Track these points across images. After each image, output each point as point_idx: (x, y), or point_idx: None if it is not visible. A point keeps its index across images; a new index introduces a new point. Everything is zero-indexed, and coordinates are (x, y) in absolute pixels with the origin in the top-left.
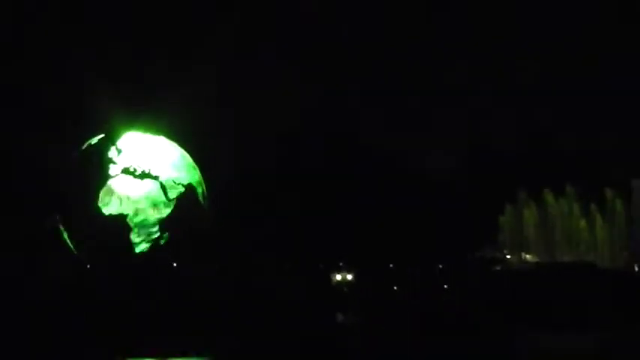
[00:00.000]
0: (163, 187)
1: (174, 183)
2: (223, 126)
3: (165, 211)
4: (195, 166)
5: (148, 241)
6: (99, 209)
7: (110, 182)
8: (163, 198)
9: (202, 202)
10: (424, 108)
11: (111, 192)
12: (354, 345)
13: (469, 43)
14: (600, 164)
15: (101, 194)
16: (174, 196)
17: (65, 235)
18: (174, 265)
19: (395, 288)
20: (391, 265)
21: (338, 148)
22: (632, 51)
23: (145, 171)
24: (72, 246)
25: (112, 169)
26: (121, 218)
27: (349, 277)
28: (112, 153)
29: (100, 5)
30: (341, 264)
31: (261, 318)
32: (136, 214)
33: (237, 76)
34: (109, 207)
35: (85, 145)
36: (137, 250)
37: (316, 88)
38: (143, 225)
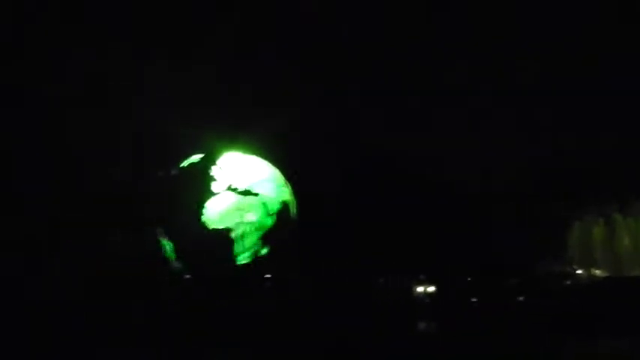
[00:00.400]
0: (264, 203)
1: (271, 199)
2: (311, 143)
3: (266, 226)
4: (287, 183)
5: (249, 254)
6: (204, 223)
7: (215, 198)
8: (263, 213)
9: (295, 218)
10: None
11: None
12: (435, 353)
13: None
14: None
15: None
16: (274, 212)
17: (168, 248)
18: (271, 275)
19: (473, 300)
20: (469, 278)
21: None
22: None
23: (247, 188)
24: (173, 257)
25: (215, 186)
26: (224, 232)
27: (430, 289)
28: (214, 171)
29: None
30: (422, 276)
31: (347, 327)
32: (237, 227)
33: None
34: (215, 222)
35: (185, 163)
36: (238, 261)
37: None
38: (244, 238)
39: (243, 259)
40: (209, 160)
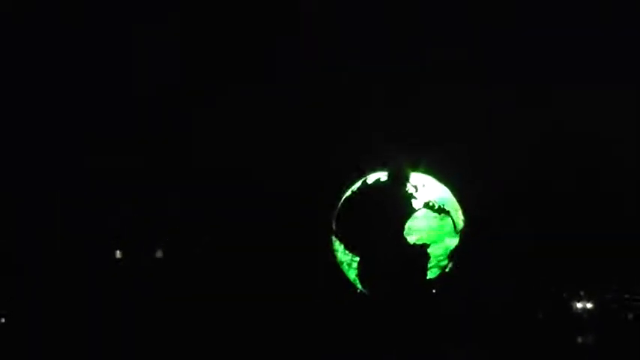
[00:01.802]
0: (454, 221)
1: (457, 217)
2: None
3: (452, 242)
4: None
5: (437, 268)
6: (404, 239)
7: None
8: (449, 230)
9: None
10: None
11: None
12: None
13: None
14: None
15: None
16: (459, 230)
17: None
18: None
19: (629, 316)
20: (626, 296)
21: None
22: None
23: (441, 206)
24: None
25: (415, 204)
26: (419, 248)
27: (589, 305)
28: (410, 188)
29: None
30: (582, 293)
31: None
32: (434, 244)
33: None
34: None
35: (369, 179)
36: (429, 276)
37: None
38: (434, 254)
39: (431, 274)
40: (398, 178)
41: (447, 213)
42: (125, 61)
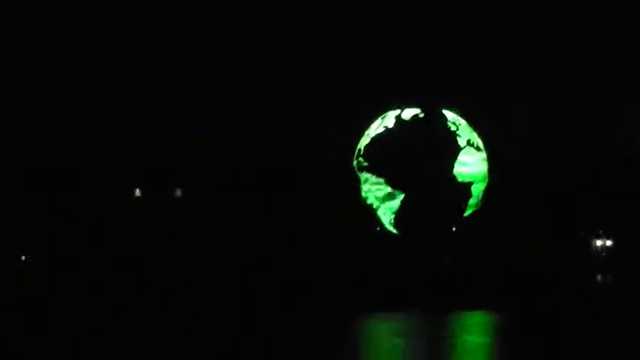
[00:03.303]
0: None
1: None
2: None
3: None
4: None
5: (473, 209)
6: (452, 176)
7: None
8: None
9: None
10: None
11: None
12: (611, 303)
13: None
14: None
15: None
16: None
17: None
18: None
19: None
20: None
21: None
22: None
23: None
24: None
25: (460, 142)
26: (467, 185)
27: (608, 242)
28: (451, 126)
29: None
30: (600, 231)
31: (531, 281)
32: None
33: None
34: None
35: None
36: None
37: None
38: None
39: (469, 211)
40: (435, 115)
41: (484, 153)
42: None
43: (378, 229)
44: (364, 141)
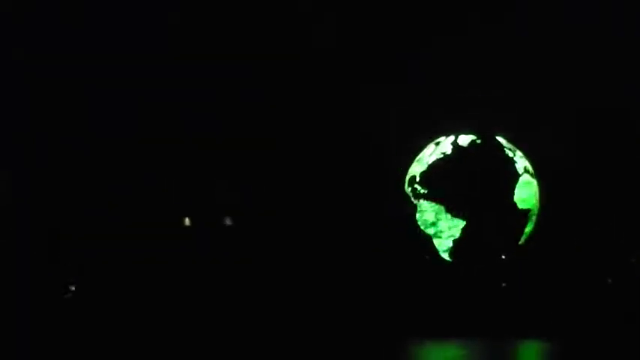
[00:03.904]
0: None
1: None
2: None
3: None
4: None
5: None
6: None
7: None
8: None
9: None
10: None
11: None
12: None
13: None
14: None
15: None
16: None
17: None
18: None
19: None
20: None
21: None
22: None
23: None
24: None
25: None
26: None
27: None
28: (508, 152)
29: None
30: None
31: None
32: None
33: None
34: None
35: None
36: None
37: None
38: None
39: (523, 241)
40: (489, 140)
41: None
42: None
43: (428, 257)
44: (418, 167)
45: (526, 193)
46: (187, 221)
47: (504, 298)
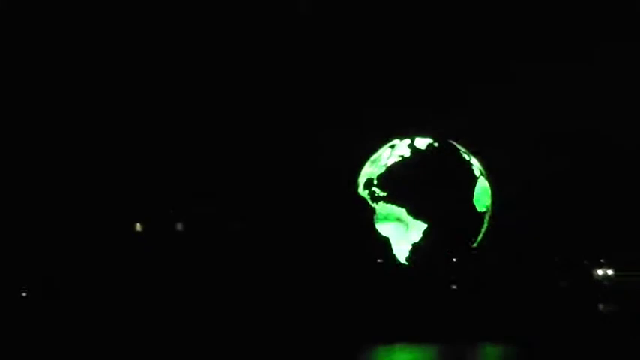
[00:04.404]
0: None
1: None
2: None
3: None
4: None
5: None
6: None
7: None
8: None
9: None
10: None
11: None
12: (613, 332)
13: None
14: None
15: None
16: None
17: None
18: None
19: None
20: None
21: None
22: None
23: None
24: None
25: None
26: (481, 214)
27: (610, 272)
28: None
29: None
30: (602, 260)
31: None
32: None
33: None
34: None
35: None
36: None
37: None
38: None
39: (477, 240)
40: (446, 146)
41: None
42: None
43: (380, 260)
44: (376, 170)
45: (482, 195)
46: (139, 227)
47: (457, 301)
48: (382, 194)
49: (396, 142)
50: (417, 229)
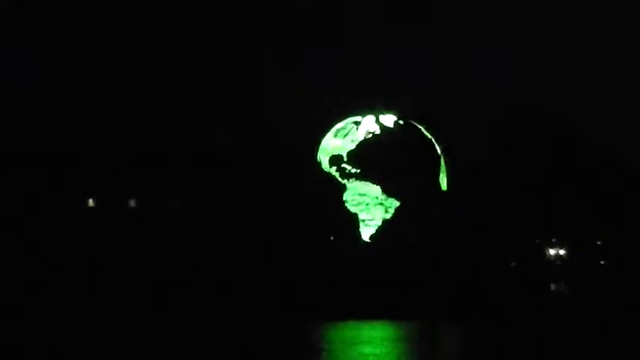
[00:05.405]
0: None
1: None
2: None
3: None
4: None
5: None
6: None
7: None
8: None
9: None
10: None
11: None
12: (564, 310)
13: None
14: None
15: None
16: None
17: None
18: None
19: (602, 262)
20: (599, 242)
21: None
22: None
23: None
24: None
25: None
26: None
27: (562, 252)
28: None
29: None
30: (554, 240)
31: (491, 285)
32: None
33: None
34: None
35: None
36: None
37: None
38: None
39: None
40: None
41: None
42: None
43: (332, 238)
44: (345, 146)
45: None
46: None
47: (413, 281)
48: (354, 171)
49: (358, 118)
50: (390, 207)
